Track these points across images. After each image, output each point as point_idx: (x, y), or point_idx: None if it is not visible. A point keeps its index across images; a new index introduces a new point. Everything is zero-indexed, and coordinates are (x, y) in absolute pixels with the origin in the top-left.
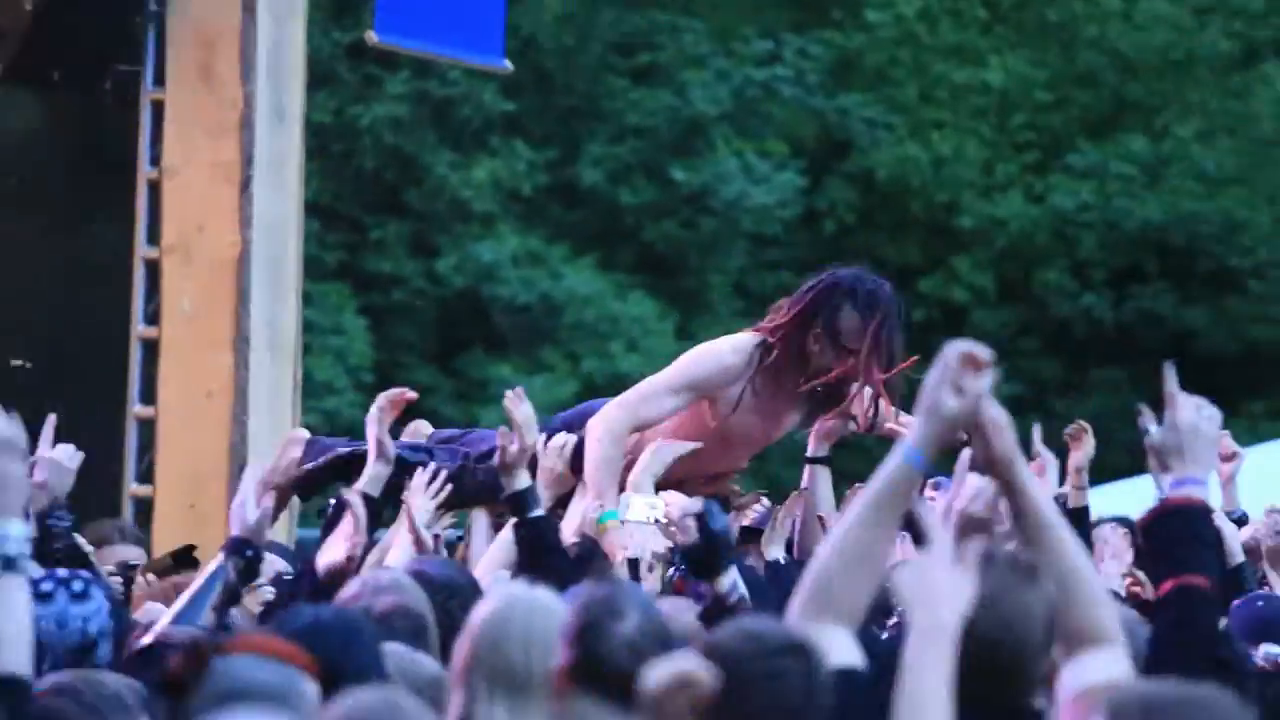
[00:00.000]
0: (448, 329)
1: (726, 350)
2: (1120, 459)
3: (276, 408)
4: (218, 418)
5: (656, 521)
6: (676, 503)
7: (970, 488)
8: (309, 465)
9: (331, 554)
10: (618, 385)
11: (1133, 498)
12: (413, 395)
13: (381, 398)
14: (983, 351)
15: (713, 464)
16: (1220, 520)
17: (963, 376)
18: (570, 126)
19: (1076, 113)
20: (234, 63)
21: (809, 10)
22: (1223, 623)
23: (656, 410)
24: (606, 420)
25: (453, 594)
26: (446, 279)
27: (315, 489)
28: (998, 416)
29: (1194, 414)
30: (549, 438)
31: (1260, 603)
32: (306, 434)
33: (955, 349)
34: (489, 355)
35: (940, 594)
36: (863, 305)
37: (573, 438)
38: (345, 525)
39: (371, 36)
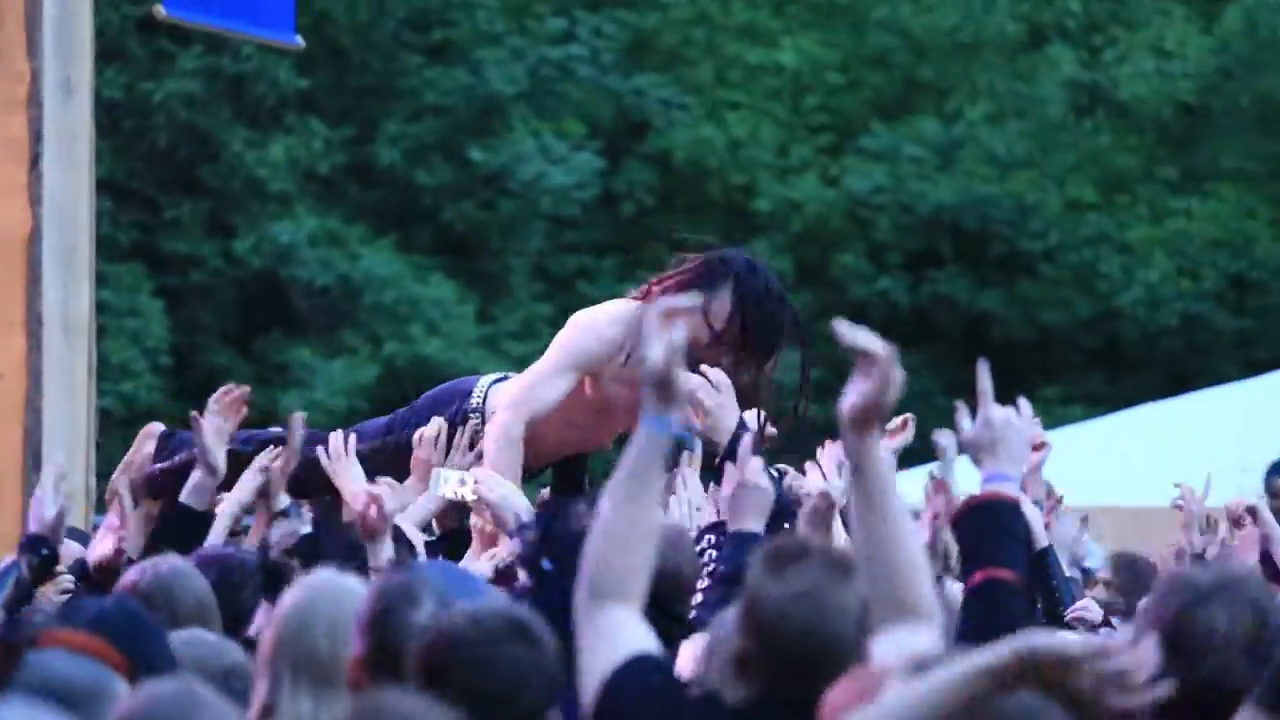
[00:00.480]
0: (246, 311)
1: (603, 322)
2: (918, 443)
3: (72, 391)
4: (11, 401)
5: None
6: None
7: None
8: (161, 465)
9: (100, 548)
10: (419, 368)
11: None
12: (242, 391)
13: (213, 402)
14: (686, 303)
15: (584, 437)
16: (1027, 507)
17: (663, 329)
18: (366, 105)
19: (869, 95)
20: (19, 37)
21: None
22: None
23: (544, 401)
24: (501, 426)
25: (238, 577)
26: (244, 260)
27: (167, 492)
28: (876, 344)
29: (1006, 410)
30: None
31: None
32: (161, 427)
33: (652, 311)
34: (288, 338)
35: None
36: (742, 290)
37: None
38: (111, 518)
39: (159, 10)
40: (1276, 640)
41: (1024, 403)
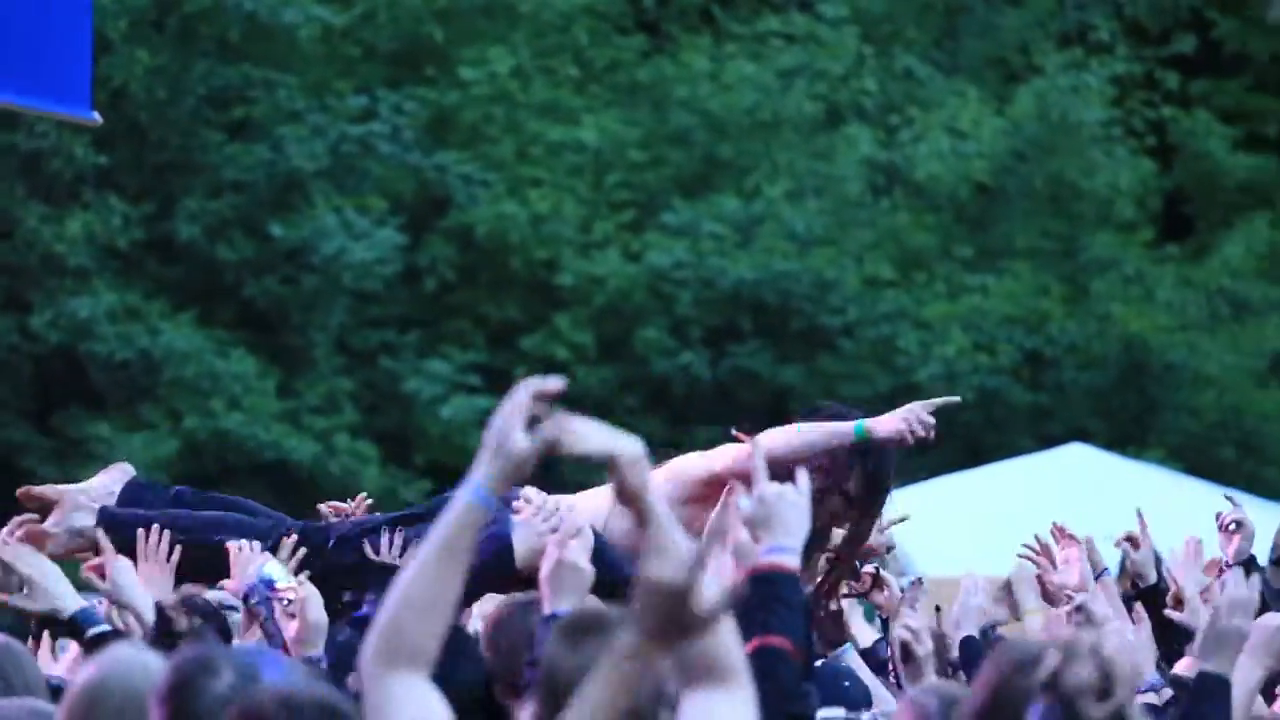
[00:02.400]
0: (44, 386)
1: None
2: None
3: None
4: None
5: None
6: None
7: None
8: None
9: None
10: (220, 442)
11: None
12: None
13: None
14: (552, 384)
15: None
16: None
17: (535, 413)
18: (166, 180)
19: (670, 171)
20: None
21: (403, 66)
22: None
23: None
24: None
25: None
26: (41, 335)
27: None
28: (632, 450)
29: (780, 486)
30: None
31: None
32: (131, 471)
33: (527, 387)
34: (87, 413)
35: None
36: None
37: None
38: None
39: None
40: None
41: (801, 476)
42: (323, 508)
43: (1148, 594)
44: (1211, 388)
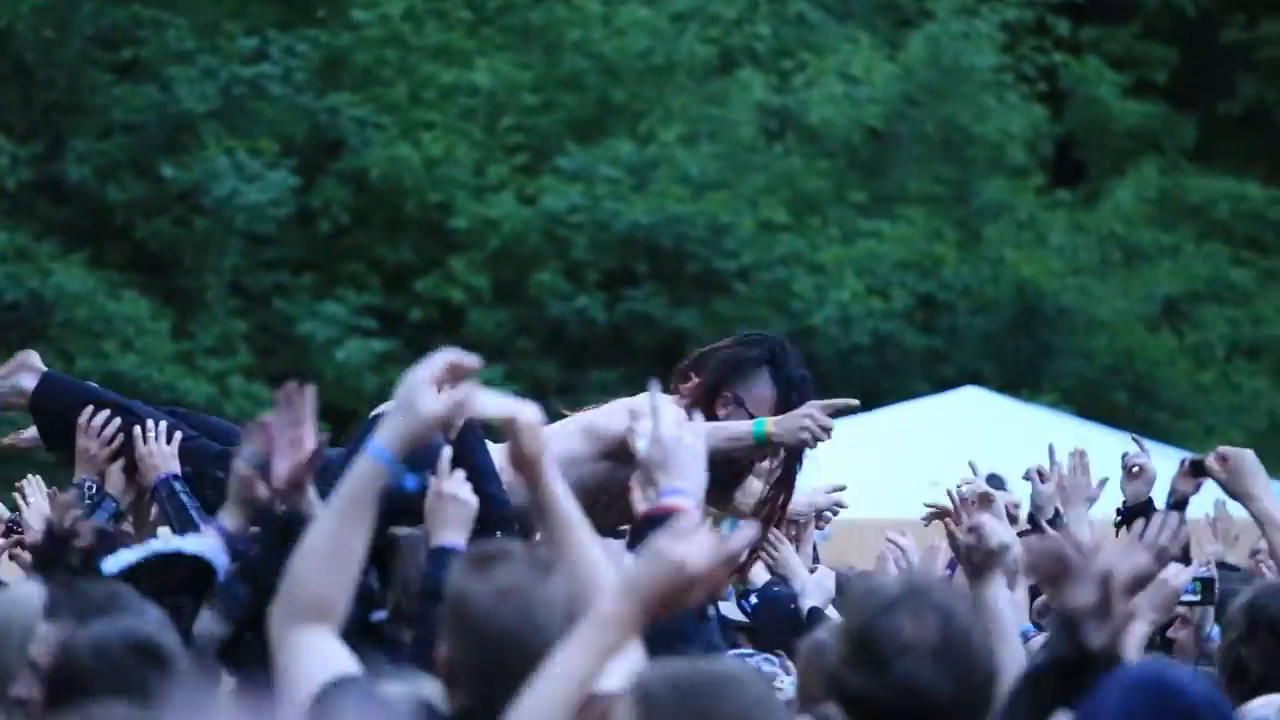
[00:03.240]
0: None
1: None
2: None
3: None
4: None
5: None
6: None
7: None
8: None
9: None
10: (113, 385)
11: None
12: None
13: None
14: (470, 360)
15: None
16: None
17: (446, 382)
18: (54, 121)
19: (564, 116)
20: None
21: (294, 8)
22: None
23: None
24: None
25: None
26: None
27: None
28: (529, 417)
29: (676, 428)
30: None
31: None
32: (37, 359)
33: (444, 355)
34: None
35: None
36: (779, 376)
37: None
38: None
39: None
40: (965, 645)
41: (698, 417)
42: None
43: (1043, 529)
44: (1103, 332)
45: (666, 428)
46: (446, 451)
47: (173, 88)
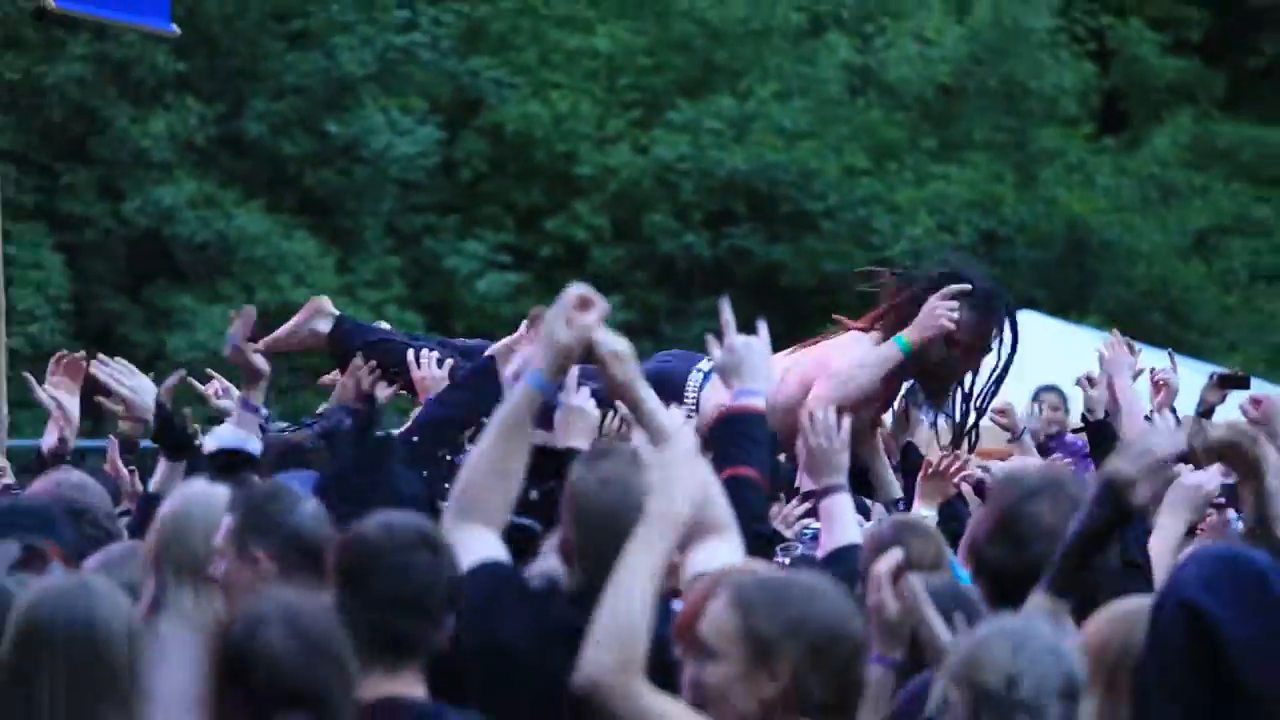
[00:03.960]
0: (135, 264)
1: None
2: None
3: None
4: None
5: None
6: None
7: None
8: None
9: (48, 439)
10: (287, 313)
11: None
12: (75, 356)
13: (53, 363)
14: (593, 294)
15: None
16: None
17: (574, 313)
18: (235, 85)
19: (673, 76)
20: None
21: None
22: None
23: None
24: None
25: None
26: (132, 220)
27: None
28: (616, 346)
29: (747, 337)
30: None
31: None
32: (329, 304)
33: (572, 290)
34: (173, 287)
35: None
36: (979, 303)
37: None
38: (56, 412)
39: (50, 3)
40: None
41: (762, 326)
42: None
43: (1094, 427)
44: (1142, 262)
45: (737, 337)
46: (574, 371)
47: (336, 54)
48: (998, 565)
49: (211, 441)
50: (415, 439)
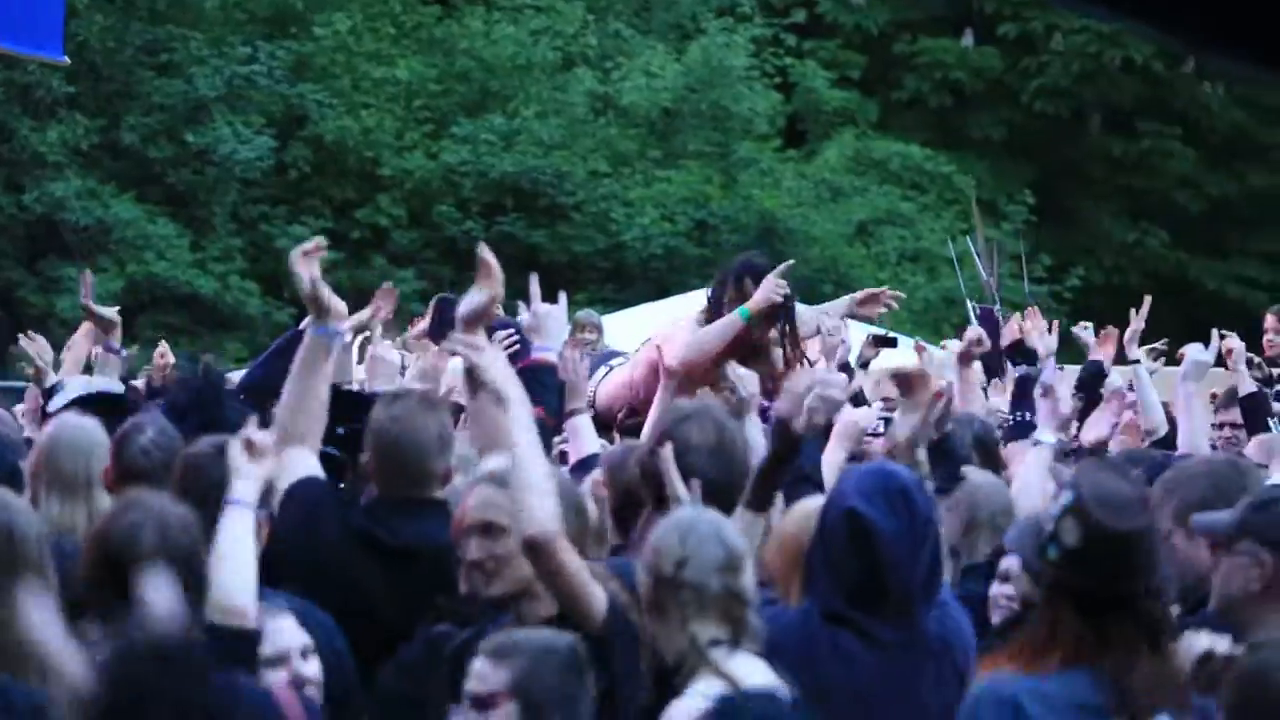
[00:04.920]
0: (32, 242)
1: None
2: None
3: None
4: None
5: None
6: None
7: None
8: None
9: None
10: (151, 282)
11: None
12: None
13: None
14: (319, 241)
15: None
16: None
17: (300, 263)
18: (114, 104)
19: (457, 99)
20: None
21: (275, 25)
22: None
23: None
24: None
25: None
26: (30, 208)
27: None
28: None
29: (547, 305)
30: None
31: None
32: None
33: (296, 251)
34: (61, 261)
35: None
36: (741, 276)
37: None
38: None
39: None
40: (733, 448)
41: (562, 296)
42: None
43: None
44: (817, 245)
45: (540, 304)
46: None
47: (193, 80)
48: (654, 472)
49: (61, 398)
50: (242, 397)
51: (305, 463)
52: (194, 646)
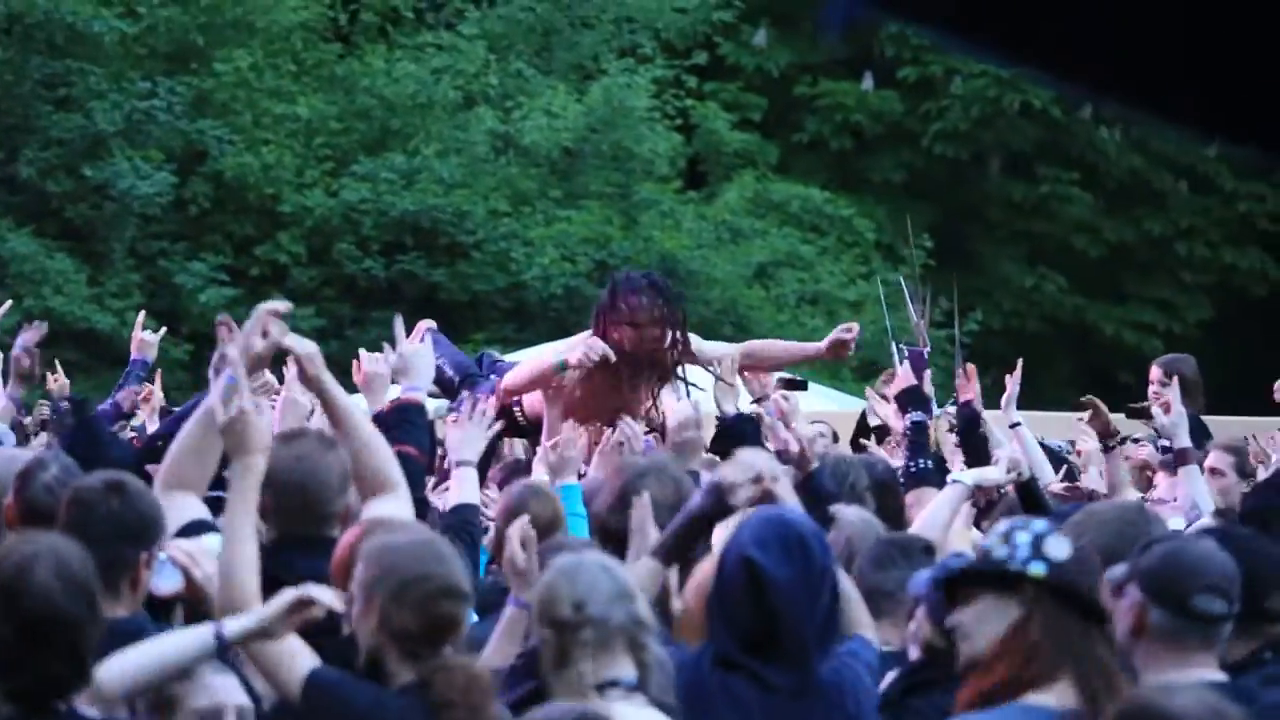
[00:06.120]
0: None
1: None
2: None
3: None
4: None
5: None
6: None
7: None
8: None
9: None
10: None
11: None
12: None
13: None
14: (281, 305)
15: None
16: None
17: (268, 326)
18: (12, 137)
19: (357, 136)
20: None
21: (175, 61)
22: None
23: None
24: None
25: None
26: None
27: None
28: (307, 349)
29: (413, 345)
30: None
31: None
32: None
33: (263, 306)
34: None
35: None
36: (642, 288)
37: None
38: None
39: None
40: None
41: (429, 329)
42: None
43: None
44: (717, 286)
45: (407, 345)
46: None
47: (92, 115)
48: (617, 530)
49: None
50: (157, 444)
51: (191, 506)
52: None
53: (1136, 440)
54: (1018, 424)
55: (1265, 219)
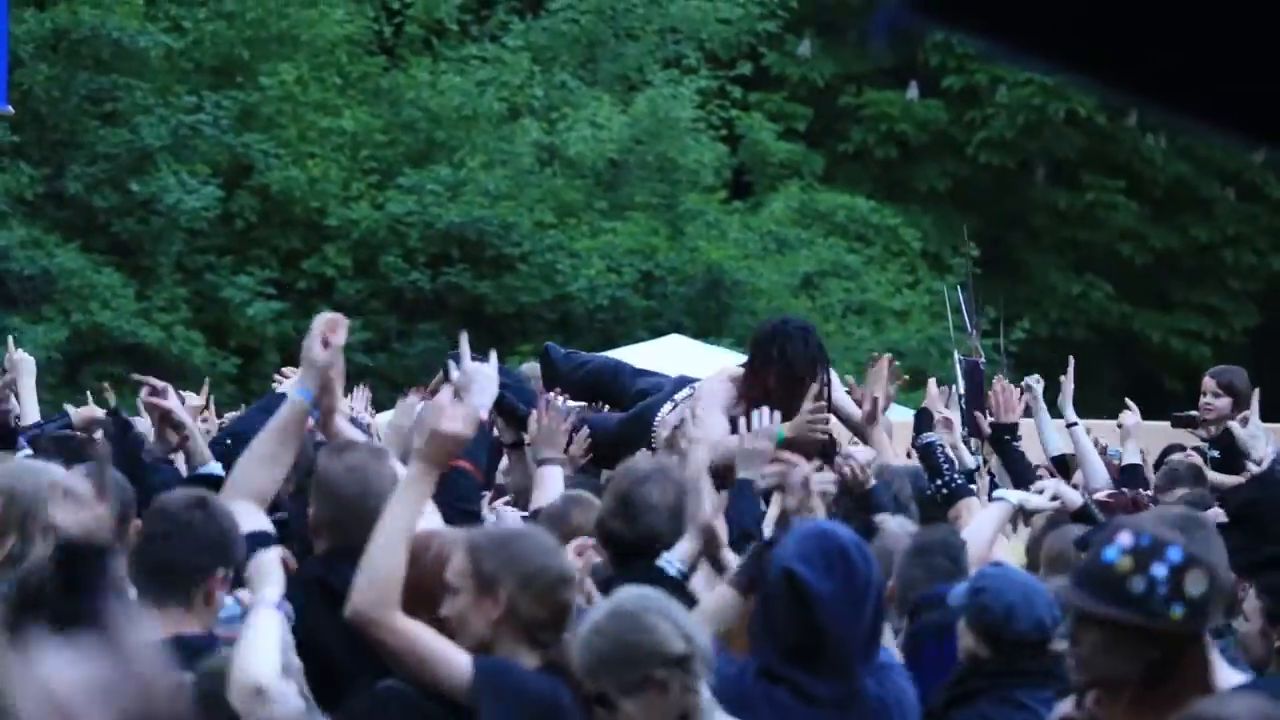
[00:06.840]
0: None
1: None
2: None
3: None
4: None
5: None
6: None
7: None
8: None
9: None
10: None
11: None
12: None
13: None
14: (339, 319)
15: None
16: None
17: (327, 335)
18: (59, 153)
19: (403, 149)
20: None
21: (221, 76)
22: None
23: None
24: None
25: None
26: None
27: None
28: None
29: (477, 364)
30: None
31: None
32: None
33: (321, 317)
34: (5, 310)
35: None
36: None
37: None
38: None
39: None
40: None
41: (493, 355)
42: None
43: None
44: (763, 297)
45: (470, 363)
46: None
47: (139, 130)
48: (617, 535)
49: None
50: (228, 442)
51: (253, 516)
52: None
53: (1184, 450)
54: (1075, 424)
55: None
